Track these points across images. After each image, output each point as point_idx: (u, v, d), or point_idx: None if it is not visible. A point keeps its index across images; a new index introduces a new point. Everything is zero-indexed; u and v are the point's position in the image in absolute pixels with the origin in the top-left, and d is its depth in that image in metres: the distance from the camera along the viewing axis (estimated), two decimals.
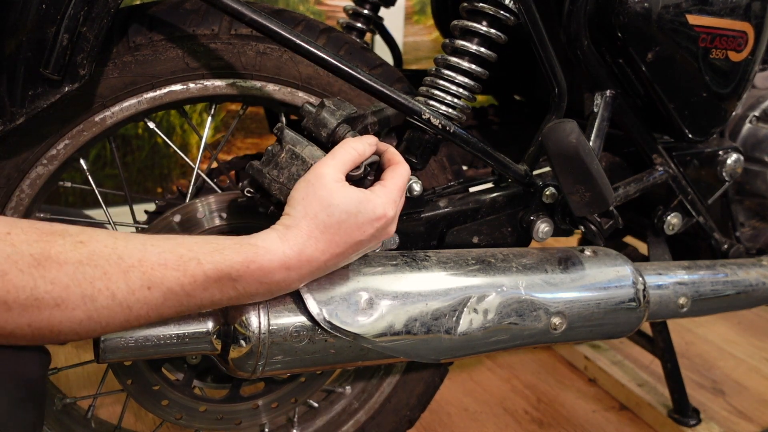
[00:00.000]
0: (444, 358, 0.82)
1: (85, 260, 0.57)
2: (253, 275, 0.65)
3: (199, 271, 0.62)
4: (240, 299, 0.66)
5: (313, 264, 0.68)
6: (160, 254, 0.61)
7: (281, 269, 0.66)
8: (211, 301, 0.64)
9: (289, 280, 0.67)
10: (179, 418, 0.92)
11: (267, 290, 0.67)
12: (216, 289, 0.64)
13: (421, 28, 2.33)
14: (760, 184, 1.22)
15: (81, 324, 0.57)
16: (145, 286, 0.60)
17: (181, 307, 0.63)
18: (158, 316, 0.62)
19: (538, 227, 0.97)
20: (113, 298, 0.58)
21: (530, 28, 0.87)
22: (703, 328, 1.79)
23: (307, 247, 0.67)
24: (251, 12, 0.73)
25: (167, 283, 0.61)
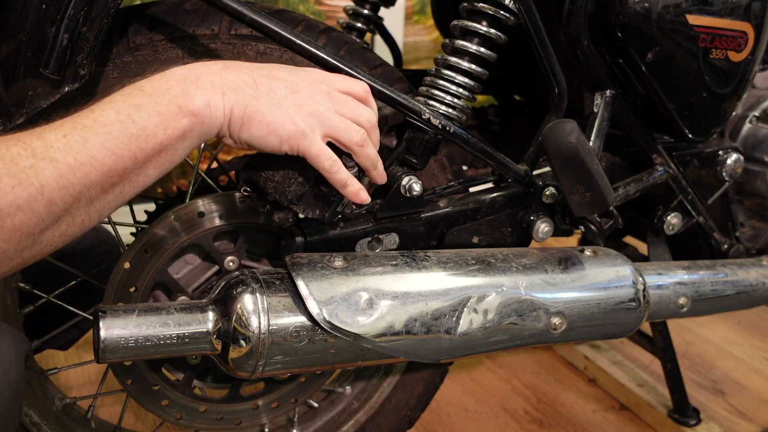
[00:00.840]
0: (444, 358, 0.82)
1: None
2: (155, 77, 0.65)
3: (105, 101, 0.63)
4: (160, 104, 0.64)
5: (219, 64, 0.69)
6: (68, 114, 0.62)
7: (183, 66, 0.67)
8: (132, 120, 0.62)
9: (192, 69, 0.67)
10: (179, 418, 0.92)
11: (174, 83, 0.65)
12: (129, 107, 0.63)
13: (421, 28, 2.34)
14: (760, 184, 1.22)
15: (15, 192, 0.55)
16: (60, 135, 0.59)
17: (106, 139, 0.61)
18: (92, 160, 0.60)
19: (538, 227, 0.97)
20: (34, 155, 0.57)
21: (530, 28, 0.87)
22: (703, 328, 1.79)
23: None
24: (251, 12, 0.73)
25: (80, 122, 0.61)
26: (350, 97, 0.75)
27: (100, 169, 0.60)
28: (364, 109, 0.75)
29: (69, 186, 0.58)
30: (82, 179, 0.59)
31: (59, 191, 0.58)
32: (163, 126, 0.63)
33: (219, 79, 0.67)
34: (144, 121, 0.62)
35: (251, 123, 0.68)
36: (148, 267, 0.85)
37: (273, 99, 0.69)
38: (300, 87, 0.71)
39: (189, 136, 0.66)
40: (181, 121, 0.64)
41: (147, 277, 0.85)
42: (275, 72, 0.71)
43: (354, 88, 0.75)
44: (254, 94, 0.68)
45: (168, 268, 0.87)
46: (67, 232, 0.61)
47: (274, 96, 0.69)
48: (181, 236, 0.85)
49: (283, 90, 0.70)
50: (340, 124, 0.72)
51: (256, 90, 0.69)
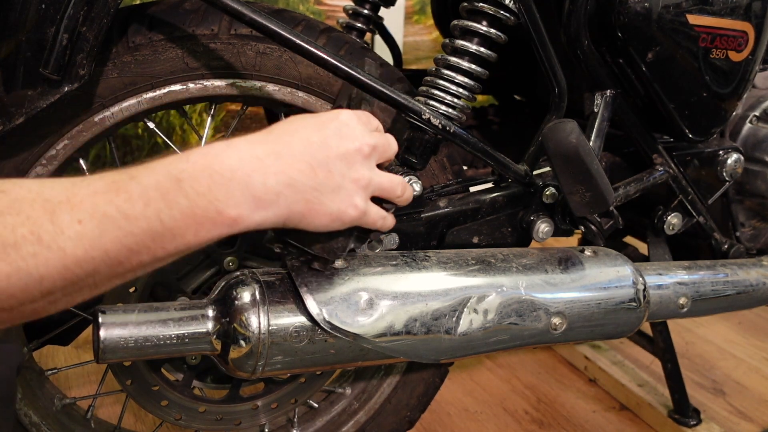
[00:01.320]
0: (444, 358, 0.82)
1: (5, 209, 0.50)
2: (197, 163, 0.56)
3: (133, 183, 0.54)
4: (197, 206, 0.56)
5: (266, 144, 0.61)
6: (90, 185, 0.53)
7: (225, 149, 0.58)
8: (161, 219, 0.54)
9: (240, 162, 0.58)
10: (179, 419, 0.92)
11: (220, 182, 0.57)
12: (160, 200, 0.54)
13: (421, 28, 2.33)
14: (761, 184, 1.22)
15: (10, 281, 0.49)
16: (75, 221, 0.51)
17: (126, 235, 0.53)
18: (104, 255, 0.52)
19: (538, 227, 0.97)
20: (40, 242, 0.50)
21: (530, 28, 0.87)
22: (703, 328, 1.79)
23: (251, 137, 0.62)
24: (251, 12, 0.73)
25: (100, 208, 0.52)
26: (382, 135, 0.71)
27: (111, 263, 0.53)
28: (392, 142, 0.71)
29: (72, 278, 0.52)
30: (89, 272, 0.52)
31: (60, 282, 0.51)
32: (195, 229, 0.56)
33: (273, 177, 0.59)
34: (174, 222, 0.55)
35: (313, 216, 0.63)
36: None
37: (332, 183, 0.63)
38: (352, 154, 0.65)
39: (223, 236, 0.59)
40: (218, 227, 0.57)
41: (147, 277, 0.85)
42: (326, 141, 0.64)
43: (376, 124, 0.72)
44: (313, 184, 0.62)
45: (168, 269, 0.87)
46: (58, 307, 0.54)
47: (332, 179, 0.63)
48: None
49: (339, 166, 0.64)
50: (387, 184, 0.70)
51: (315, 178, 0.62)
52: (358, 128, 0.67)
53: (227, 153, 0.59)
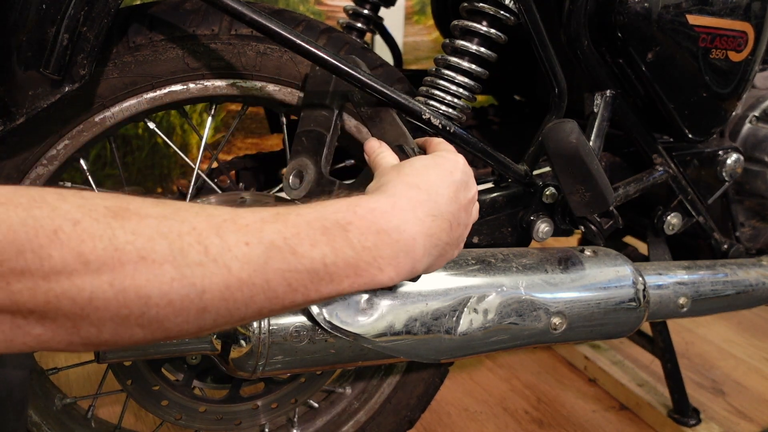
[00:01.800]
0: (444, 358, 0.82)
1: (170, 214, 0.49)
2: (364, 218, 0.57)
3: (301, 221, 0.54)
4: (362, 259, 0.56)
5: (425, 205, 0.61)
6: (255, 212, 0.53)
7: (391, 208, 0.59)
8: (324, 263, 0.54)
9: (406, 224, 0.59)
10: (179, 419, 0.92)
11: (387, 241, 0.57)
12: (326, 245, 0.54)
13: (421, 28, 2.33)
14: (760, 184, 1.22)
15: (173, 286, 0.47)
16: (242, 242, 0.50)
17: (290, 270, 0.52)
18: (265, 284, 0.51)
19: (538, 227, 0.97)
20: (206, 254, 0.48)
21: (530, 28, 0.87)
22: (703, 328, 1.79)
23: (405, 183, 0.63)
24: (251, 12, 0.73)
25: (267, 236, 0.52)
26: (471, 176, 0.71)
27: (269, 295, 0.52)
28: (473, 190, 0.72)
29: (230, 300, 0.50)
30: (246, 299, 0.51)
31: (218, 303, 0.49)
32: (351, 281, 0.56)
33: (429, 239, 0.60)
34: (336, 268, 0.54)
35: (437, 266, 0.65)
36: None
37: (461, 236, 0.67)
38: (470, 204, 0.68)
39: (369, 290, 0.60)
40: (375, 282, 0.57)
41: None
42: (457, 195, 0.65)
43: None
44: (449, 240, 0.64)
45: None
46: (198, 334, 0.53)
47: (461, 233, 0.66)
48: None
49: (464, 218, 0.66)
50: (469, 220, 0.70)
51: (451, 234, 0.64)
52: (468, 173, 0.69)
53: (392, 212, 0.59)
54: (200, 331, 0.51)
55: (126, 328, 0.46)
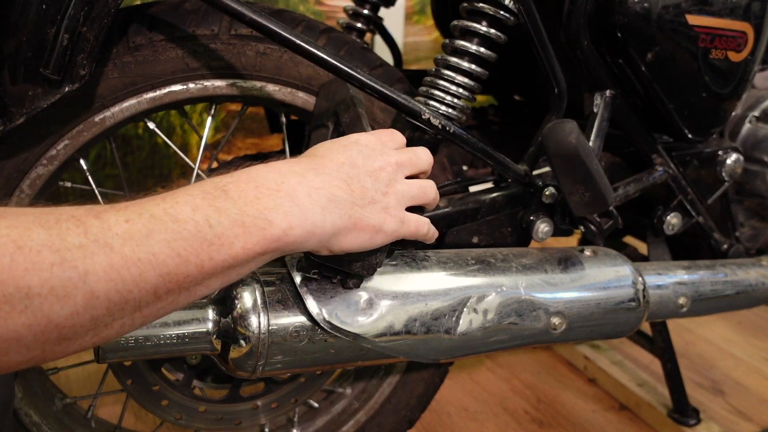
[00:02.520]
0: (444, 358, 0.82)
1: (50, 210, 0.49)
2: (241, 178, 0.58)
3: (180, 193, 0.55)
4: (246, 214, 0.56)
5: (305, 164, 0.63)
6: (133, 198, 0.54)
7: (268, 168, 0.60)
8: (210, 224, 0.54)
9: (284, 177, 0.60)
10: (179, 419, 0.92)
11: (267, 192, 0.57)
12: (208, 207, 0.54)
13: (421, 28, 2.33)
14: (760, 184, 1.22)
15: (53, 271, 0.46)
16: (122, 220, 0.50)
17: (174, 238, 0.52)
18: (151, 257, 0.50)
19: (538, 227, 0.97)
20: (86, 235, 0.48)
21: (530, 28, 0.87)
22: (703, 328, 1.79)
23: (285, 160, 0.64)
24: (251, 12, 0.73)
25: (147, 210, 0.52)
26: (408, 150, 0.72)
27: (159, 270, 0.50)
28: (422, 153, 0.73)
29: (118, 281, 0.48)
30: (135, 277, 0.49)
31: (105, 284, 0.48)
32: (244, 239, 0.55)
33: (315, 191, 0.61)
34: (223, 228, 0.53)
35: (357, 231, 0.64)
36: None
37: (367, 197, 0.65)
38: (377, 171, 0.68)
39: (270, 253, 0.58)
40: (267, 237, 0.56)
41: None
42: (353, 160, 0.66)
43: (399, 140, 0.74)
44: (352, 199, 0.64)
45: None
46: (100, 335, 0.50)
47: (367, 194, 0.66)
48: None
49: (370, 182, 0.66)
50: (418, 190, 0.71)
51: (352, 194, 0.64)
52: (379, 148, 0.70)
53: (268, 169, 0.60)
54: (96, 323, 0.49)
55: (10, 324, 0.44)
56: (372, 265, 0.71)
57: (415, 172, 0.73)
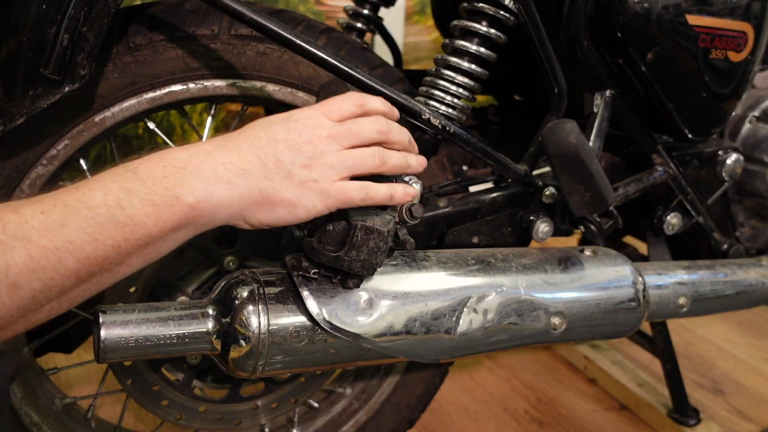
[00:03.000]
0: (444, 358, 0.82)
1: None
2: (151, 158, 0.60)
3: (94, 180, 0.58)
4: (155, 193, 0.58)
5: (215, 142, 0.64)
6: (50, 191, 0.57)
7: (177, 148, 0.62)
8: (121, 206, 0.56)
9: (191, 155, 0.61)
10: (179, 418, 0.92)
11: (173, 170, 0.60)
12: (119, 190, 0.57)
13: (421, 28, 2.33)
14: (760, 184, 1.22)
15: None
16: (37, 212, 0.54)
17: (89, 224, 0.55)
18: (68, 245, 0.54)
19: (538, 227, 0.97)
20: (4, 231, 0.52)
21: (530, 28, 0.87)
22: (703, 328, 1.79)
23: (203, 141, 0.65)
24: (251, 12, 0.73)
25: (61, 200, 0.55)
26: (349, 121, 0.70)
27: (78, 255, 0.54)
28: (366, 123, 0.70)
29: (39, 270, 0.52)
30: (54, 265, 0.52)
31: (27, 275, 0.51)
32: (155, 217, 0.58)
33: (222, 166, 0.62)
34: (134, 209, 0.57)
35: (271, 205, 0.65)
36: (149, 267, 0.85)
37: (283, 171, 0.65)
38: (301, 144, 0.66)
39: (183, 228, 0.61)
40: (176, 213, 0.59)
41: (147, 277, 0.85)
42: (273, 135, 0.66)
43: (345, 110, 0.71)
44: (264, 174, 0.64)
45: (168, 269, 0.87)
46: (30, 320, 0.54)
47: (283, 167, 0.65)
48: None
49: (288, 155, 0.65)
50: (353, 160, 0.69)
51: (264, 168, 0.64)
52: (312, 122, 0.68)
53: (178, 149, 0.63)
54: (24, 311, 0.52)
55: None
56: (372, 265, 0.71)
57: (358, 143, 0.70)
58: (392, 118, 0.74)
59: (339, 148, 0.68)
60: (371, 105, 0.73)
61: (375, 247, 0.70)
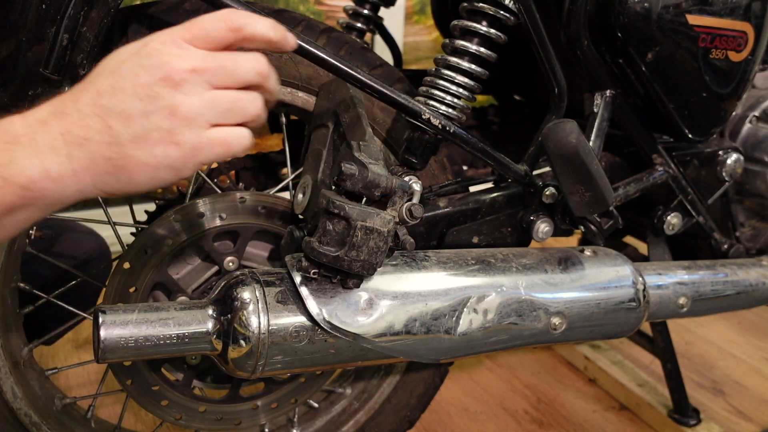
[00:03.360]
0: (444, 358, 0.82)
1: None
2: None
3: None
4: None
5: (53, 105, 0.55)
6: None
7: (15, 116, 0.55)
8: None
9: (29, 129, 0.54)
10: (179, 419, 0.92)
11: (7, 150, 0.53)
12: None
13: (421, 28, 2.34)
14: (760, 184, 1.22)
15: None
16: None
17: None
18: None
19: (538, 227, 0.97)
20: None
21: (530, 28, 0.87)
22: (703, 328, 1.79)
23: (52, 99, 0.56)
24: None
25: None
26: (221, 55, 0.57)
27: None
28: (244, 61, 0.57)
29: None
30: None
31: None
32: (3, 192, 0.52)
33: (59, 136, 0.53)
34: None
35: (128, 172, 0.55)
36: (148, 267, 0.85)
37: (135, 129, 0.54)
38: (156, 87, 0.54)
39: (22, 210, 0.54)
40: (6, 196, 0.52)
41: (147, 277, 0.85)
42: (120, 81, 0.55)
43: (216, 35, 0.57)
44: (110, 139, 0.54)
45: (168, 269, 0.87)
46: None
47: (134, 124, 0.54)
48: (181, 236, 0.85)
49: (140, 106, 0.54)
50: (226, 105, 0.57)
51: (109, 131, 0.54)
52: (168, 52, 0.55)
53: (13, 119, 0.55)
54: None
55: None
56: (372, 265, 0.71)
57: (230, 84, 0.57)
58: (284, 48, 0.62)
59: (206, 87, 0.56)
60: (252, 30, 0.58)
61: (375, 247, 0.70)
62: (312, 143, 0.89)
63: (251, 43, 0.59)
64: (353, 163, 0.71)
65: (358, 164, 0.71)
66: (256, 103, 0.59)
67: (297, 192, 0.87)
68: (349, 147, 0.74)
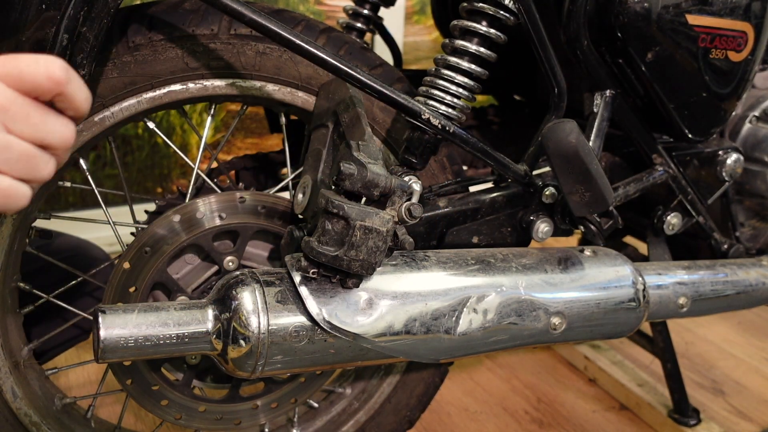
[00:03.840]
0: (443, 358, 0.82)
1: None
2: None
3: None
4: None
5: None
6: None
7: None
8: None
9: None
10: (179, 418, 0.92)
11: None
12: None
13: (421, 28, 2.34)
14: (760, 184, 1.22)
15: None
16: None
17: None
18: None
19: (538, 227, 0.97)
20: None
21: (530, 28, 0.87)
22: (703, 328, 1.79)
23: None
24: (251, 12, 0.73)
25: None
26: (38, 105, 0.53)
27: None
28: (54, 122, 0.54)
29: None
30: None
31: None
32: None
33: None
34: None
35: None
36: (148, 267, 0.85)
37: None
38: None
39: None
40: None
41: (147, 277, 0.85)
42: None
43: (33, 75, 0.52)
44: None
45: (168, 268, 0.87)
46: None
47: None
48: (181, 236, 0.85)
49: None
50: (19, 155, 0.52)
51: None
52: None
53: None
54: None
55: None
56: (371, 264, 0.71)
57: (30, 138, 0.53)
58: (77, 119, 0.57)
59: (1, 128, 0.52)
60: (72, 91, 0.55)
61: (374, 247, 0.70)
62: (312, 143, 0.89)
63: (64, 103, 0.55)
64: (352, 163, 0.71)
65: (357, 164, 0.71)
66: (49, 166, 0.55)
67: (297, 192, 0.87)
68: (349, 147, 0.74)
